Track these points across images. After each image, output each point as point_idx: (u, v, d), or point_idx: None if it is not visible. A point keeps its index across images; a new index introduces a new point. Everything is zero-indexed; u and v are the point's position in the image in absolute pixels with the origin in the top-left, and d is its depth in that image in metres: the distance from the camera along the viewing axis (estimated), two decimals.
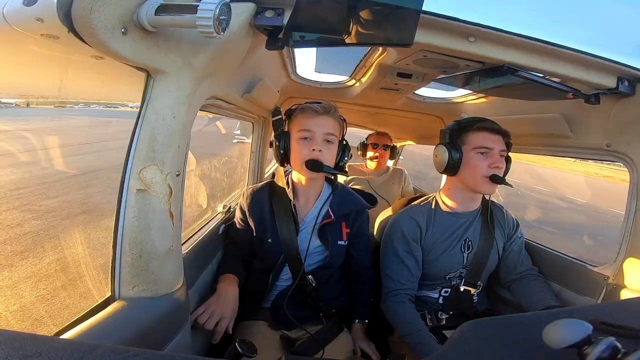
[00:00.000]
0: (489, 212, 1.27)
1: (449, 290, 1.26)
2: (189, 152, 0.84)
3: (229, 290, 1.09)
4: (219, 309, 1.02)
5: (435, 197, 1.31)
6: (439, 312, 1.25)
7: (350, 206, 1.20)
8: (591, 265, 1.22)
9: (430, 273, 1.24)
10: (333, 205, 1.18)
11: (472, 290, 1.24)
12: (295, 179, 1.18)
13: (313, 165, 1.06)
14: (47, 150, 7.02)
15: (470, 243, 1.24)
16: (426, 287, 1.27)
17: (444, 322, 1.24)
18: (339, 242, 1.18)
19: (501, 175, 1.14)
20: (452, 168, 1.18)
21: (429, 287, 1.27)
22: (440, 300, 1.27)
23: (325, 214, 1.17)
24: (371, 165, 2.46)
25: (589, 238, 6.69)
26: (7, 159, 6.05)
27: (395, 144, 2.60)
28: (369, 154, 2.45)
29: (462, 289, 1.24)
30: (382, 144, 2.42)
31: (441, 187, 1.33)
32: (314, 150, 1.07)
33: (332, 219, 1.15)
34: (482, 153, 1.15)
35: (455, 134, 1.20)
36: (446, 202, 1.27)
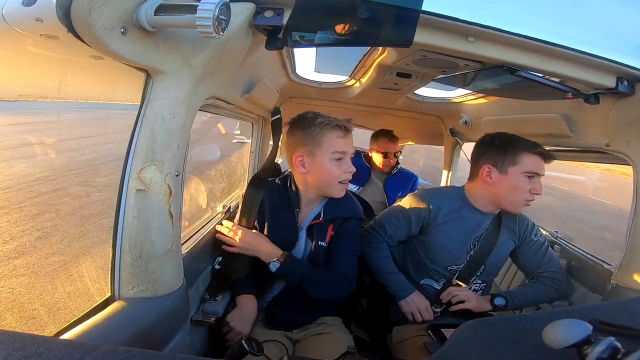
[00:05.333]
0: (499, 214, 1.29)
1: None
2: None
3: (249, 309, 1.13)
4: (238, 327, 1.09)
5: (464, 191, 1.31)
6: (433, 305, 1.25)
7: (342, 212, 1.18)
8: (596, 262, 1.23)
9: (436, 259, 1.25)
10: (327, 207, 1.18)
11: (464, 285, 1.26)
12: (301, 186, 1.17)
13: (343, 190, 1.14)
14: (80, 140, 7.19)
15: (477, 242, 1.26)
16: (430, 276, 1.28)
17: (438, 314, 1.25)
18: (319, 243, 1.16)
19: None
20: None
21: (433, 278, 1.28)
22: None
23: (317, 215, 1.17)
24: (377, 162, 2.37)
25: None
26: (48, 147, 6.46)
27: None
28: (377, 157, 2.34)
29: (454, 282, 1.26)
30: (393, 153, 2.33)
31: (467, 183, 1.32)
32: (347, 172, 1.10)
33: (321, 220, 1.16)
34: (530, 177, 1.15)
35: (508, 149, 1.17)
36: (471, 200, 1.28)
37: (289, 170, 1.23)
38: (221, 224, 1.21)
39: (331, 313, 1.23)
